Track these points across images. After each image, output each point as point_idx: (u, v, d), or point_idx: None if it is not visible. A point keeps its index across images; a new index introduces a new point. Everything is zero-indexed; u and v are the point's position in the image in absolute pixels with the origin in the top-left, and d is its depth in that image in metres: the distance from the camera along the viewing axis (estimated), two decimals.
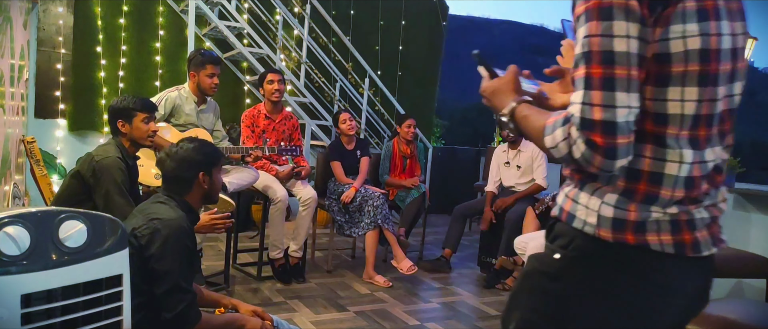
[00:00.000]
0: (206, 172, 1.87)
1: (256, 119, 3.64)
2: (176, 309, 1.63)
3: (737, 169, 3.28)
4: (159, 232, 1.65)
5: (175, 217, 1.71)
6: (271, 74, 3.61)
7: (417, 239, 4.70)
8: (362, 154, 4.10)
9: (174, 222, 1.69)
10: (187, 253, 1.70)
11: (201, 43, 5.36)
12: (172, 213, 1.73)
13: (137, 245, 1.65)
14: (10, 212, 1.13)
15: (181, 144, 1.88)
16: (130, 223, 1.73)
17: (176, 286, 1.64)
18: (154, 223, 1.68)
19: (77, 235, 1.21)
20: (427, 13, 6.87)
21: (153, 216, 1.70)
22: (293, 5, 5.85)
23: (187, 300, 1.65)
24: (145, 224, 1.68)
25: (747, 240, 2.78)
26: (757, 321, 1.56)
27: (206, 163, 1.87)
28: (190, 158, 1.84)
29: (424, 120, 7.06)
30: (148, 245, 1.65)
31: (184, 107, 3.14)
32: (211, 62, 3.16)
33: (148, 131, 2.43)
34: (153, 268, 1.64)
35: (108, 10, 4.93)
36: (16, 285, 1.09)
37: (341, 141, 4.09)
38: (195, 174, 1.84)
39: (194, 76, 3.17)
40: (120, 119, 2.38)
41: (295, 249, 3.61)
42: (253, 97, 5.68)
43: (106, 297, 1.27)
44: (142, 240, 1.66)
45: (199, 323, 1.69)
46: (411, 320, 3.03)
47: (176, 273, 1.64)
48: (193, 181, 1.85)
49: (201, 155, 1.86)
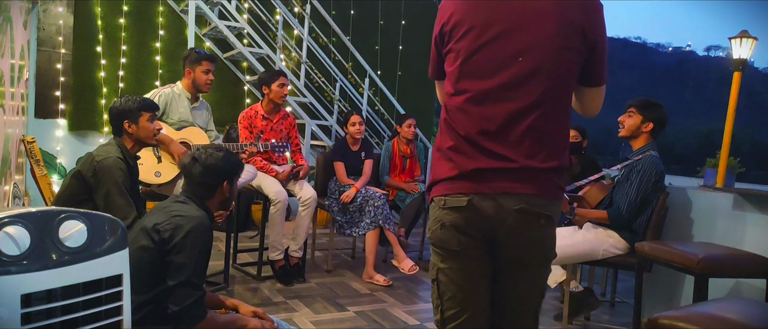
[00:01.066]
0: (229, 181, 1.93)
1: (254, 120, 3.64)
2: (184, 303, 1.66)
3: (737, 169, 3.28)
4: (182, 226, 1.70)
5: (198, 215, 1.78)
6: (283, 78, 3.63)
7: (417, 240, 4.70)
8: (366, 156, 4.10)
9: (197, 220, 1.75)
10: (205, 251, 1.75)
11: (201, 43, 5.36)
12: (195, 212, 1.79)
13: (158, 240, 1.70)
14: (10, 212, 1.13)
15: (211, 151, 1.92)
16: (152, 219, 1.76)
17: (188, 280, 1.67)
18: (177, 219, 1.73)
19: (77, 235, 1.21)
20: (427, 13, 6.88)
21: (176, 213, 1.75)
22: (293, 5, 5.85)
23: (195, 295, 1.68)
24: (168, 220, 1.73)
25: (746, 240, 2.78)
26: (757, 321, 1.56)
27: (231, 172, 1.94)
28: (218, 166, 1.89)
29: (424, 120, 7.07)
30: (170, 239, 1.69)
31: (178, 104, 3.15)
32: (206, 59, 3.20)
33: (154, 130, 2.46)
34: (171, 260, 1.68)
35: (108, 10, 4.93)
36: (16, 285, 1.09)
37: (347, 142, 4.09)
38: (220, 182, 1.91)
39: (190, 73, 3.19)
40: (126, 119, 2.39)
41: (295, 249, 3.61)
42: (253, 97, 5.68)
43: (106, 297, 1.27)
44: (164, 234, 1.70)
45: (204, 321, 1.70)
46: (411, 320, 3.03)
47: (191, 267, 1.68)
48: (217, 188, 1.91)
49: (229, 164, 1.93)
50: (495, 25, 1.38)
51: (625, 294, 3.80)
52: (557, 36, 1.35)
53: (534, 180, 1.38)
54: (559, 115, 1.41)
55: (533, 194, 1.38)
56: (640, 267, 2.65)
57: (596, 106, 1.55)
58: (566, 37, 1.36)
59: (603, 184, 2.94)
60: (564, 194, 2.88)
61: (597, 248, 2.72)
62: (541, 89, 1.36)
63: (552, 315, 3.19)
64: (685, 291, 3.02)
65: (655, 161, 2.66)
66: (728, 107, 3.24)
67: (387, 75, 6.69)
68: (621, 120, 2.80)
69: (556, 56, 1.36)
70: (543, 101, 1.37)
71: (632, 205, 2.64)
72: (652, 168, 2.64)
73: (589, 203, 2.93)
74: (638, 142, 2.76)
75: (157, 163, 2.93)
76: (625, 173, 2.76)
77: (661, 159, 2.73)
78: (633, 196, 2.64)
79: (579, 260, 2.85)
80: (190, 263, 1.67)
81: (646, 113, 2.72)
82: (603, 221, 2.73)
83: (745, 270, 2.38)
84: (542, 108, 1.37)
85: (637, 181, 2.64)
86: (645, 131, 2.73)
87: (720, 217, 2.93)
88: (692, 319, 1.58)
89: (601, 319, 3.28)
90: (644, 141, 2.75)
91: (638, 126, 2.73)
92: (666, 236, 3.07)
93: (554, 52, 1.36)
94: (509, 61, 1.37)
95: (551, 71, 1.36)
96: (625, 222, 2.68)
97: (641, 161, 2.67)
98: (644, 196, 2.65)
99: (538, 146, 1.38)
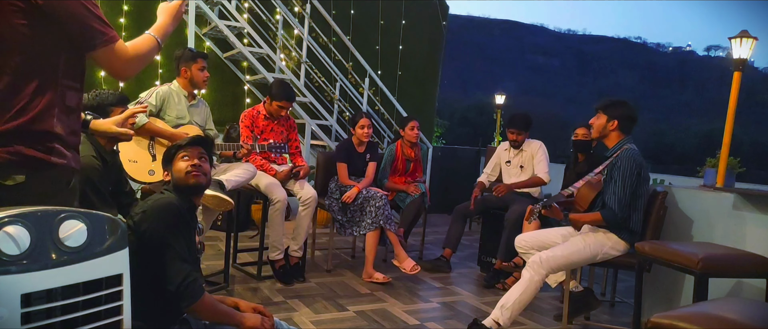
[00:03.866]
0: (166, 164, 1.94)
1: (256, 120, 3.65)
2: (177, 281, 1.64)
3: (737, 169, 3.28)
4: (147, 209, 1.71)
5: (164, 197, 1.78)
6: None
7: (417, 239, 4.70)
8: (371, 158, 4.09)
9: (161, 199, 1.75)
10: (178, 225, 1.73)
11: (201, 43, 5.36)
12: (164, 196, 1.79)
13: (137, 231, 1.69)
14: (10, 212, 1.13)
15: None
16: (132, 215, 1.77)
17: (176, 255, 1.66)
18: (144, 204, 1.75)
19: (77, 235, 1.21)
20: (427, 13, 6.88)
21: (146, 202, 1.76)
22: (293, 5, 5.85)
23: (186, 270, 1.67)
24: (140, 208, 1.75)
25: (746, 240, 2.78)
26: (757, 321, 1.56)
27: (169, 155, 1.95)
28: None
29: (424, 120, 7.06)
30: (139, 223, 1.69)
31: (175, 101, 3.17)
32: (201, 56, 3.23)
33: None
34: (150, 246, 1.66)
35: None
36: (16, 285, 1.09)
37: (352, 143, 4.08)
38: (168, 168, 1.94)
39: (186, 72, 3.20)
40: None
41: (295, 249, 3.62)
42: (254, 97, 5.68)
43: (106, 297, 1.27)
44: (135, 219, 1.70)
45: (202, 298, 1.69)
46: (411, 320, 3.04)
47: (172, 245, 1.67)
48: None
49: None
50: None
51: (625, 294, 3.81)
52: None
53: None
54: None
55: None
56: (639, 267, 2.65)
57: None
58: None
59: (592, 182, 2.95)
60: (554, 203, 2.91)
61: (597, 252, 2.73)
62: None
63: (552, 315, 3.19)
64: (685, 291, 3.02)
65: (632, 153, 2.70)
66: (728, 107, 3.24)
67: (387, 75, 6.69)
68: (591, 123, 2.89)
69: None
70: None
71: (623, 202, 2.66)
72: (631, 161, 2.68)
73: (580, 204, 2.95)
74: (611, 140, 2.83)
75: (151, 161, 2.93)
76: (608, 173, 2.79)
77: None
78: (621, 192, 2.66)
79: (579, 265, 2.85)
80: (168, 241, 1.66)
81: (610, 111, 2.80)
82: (598, 223, 2.74)
83: (745, 270, 2.37)
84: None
85: (619, 178, 2.68)
86: (611, 129, 2.80)
87: (720, 217, 2.93)
88: (692, 319, 1.58)
89: (601, 319, 3.28)
90: (616, 138, 2.81)
91: (604, 126, 2.81)
92: (666, 236, 3.08)
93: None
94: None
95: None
96: (621, 220, 2.69)
97: (619, 158, 2.72)
98: (632, 190, 2.68)
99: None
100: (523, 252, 3.00)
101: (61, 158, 1.48)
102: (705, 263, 2.23)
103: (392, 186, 4.26)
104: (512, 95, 10.59)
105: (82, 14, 1.45)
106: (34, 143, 1.42)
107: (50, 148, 1.45)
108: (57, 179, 1.48)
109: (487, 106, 21.83)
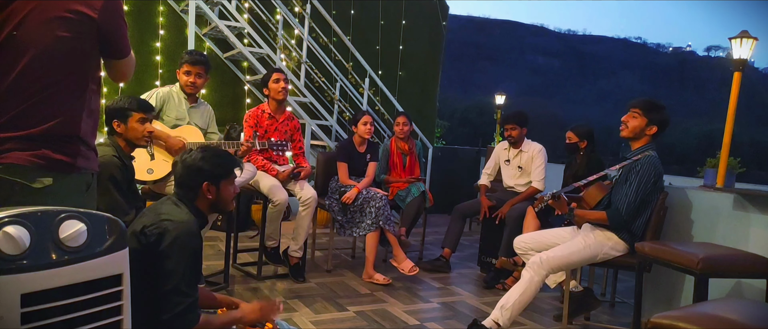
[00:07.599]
0: (211, 182, 1.84)
1: (260, 119, 3.65)
2: (174, 311, 1.64)
3: (737, 169, 3.28)
4: (168, 232, 1.67)
5: (186, 220, 1.73)
6: (277, 73, 3.65)
7: (417, 239, 4.70)
8: (371, 158, 4.09)
9: (183, 225, 1.70)
10: (193, 257, 1.72)
11: (201, 43, 5.36)
12: (183, 216, 1.75)
13: (146, 243, 1.67)
14: (10, 212, 1.13)
15: (193, 152, 1.87)
16: (141, 221, 1.75)
17: (176, 288, 1.64)
18: (164, 223, 1.70)
19: (77, 235, 1.21)
20: (427, 13, 6.88)
21: (164, 217, 1.72)
22: (293, 5, 5.85)
23: (185, 303, 1.65)
24: (156, 223, 1.70)
25: (747, 240, 2.78)
26: (757, 321, 1.55)
27: (213, 174, 1.84)
28: (197, 166, 1.82)
29: (424, 120, 7.07)
30: (156, 243, 1.67)
31: (175, 103, 3.19)
32: (186, 61, 3.20)
33: (143, 132, 2.45)
34: (159, 266, 1.65)
35: None
36: (16, 285, 1.09)
37: (353, 142, 4.08)
38: (200, 183, 1.83)
39: (179, 75, 3.23)
40: (115, 119, 2.42)
41: (295, 249, 3.61)
42: (254, 97, 5.68)
43: (106, 297, 1.27)
44: (151, 238, 1.68)
45: (197, 325, 1.69)
46: (411, 320, 3.03)
47: (179, 274, 1.65)
48: (198, 189, 1.84)
49: (208, 165, 1.83)
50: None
51: (625, 294, 3.80)
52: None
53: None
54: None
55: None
56: (640, 267, 2.65)
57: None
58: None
59: (603, 184, 2.94)
60: (562, 194, 2.89)
61: (597, 252, 2.72)
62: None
63: (552, 316, 3.19)
64: (685, 291, 3.02)
65: (654, 161, 2.66)
66: (728, 107, 3.23)
67: (387, 75, 6.69)
68: (624, 120, 2.77)
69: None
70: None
71: (631, 206, 2.64)
72: (652, 169, 2.63)
73: (588, 203, 2.93)
74: (638, 142, 2.76)
75: (149, 160, 2.95)
76: (623, 174, 2.75)
77: (661, 160, 2.73)
78: (632, 197, 2.63)
79: (579, 265, 2.84)
80: (177, 270, 1.65)
81: (651, 115, 2.70)
82: (602, 222, 2.73)
83: (745, 270, 2.37)
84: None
85: (635, 182, 2.63)
86: (648, 134, 2.73)
87: (720, 217, 2.93)
88: (692, 319, 1.58)
89: (601, 319, 3.28)
90: (645, 142, 2.74)
91: (643, 128, 2.72)
92: (666, 237, 3.07)
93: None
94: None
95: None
96: (624, 223, 2.68)
97: (640, 162, 2.66)
98: (644, 197, 2.65)
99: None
100: (523, 253, 3.00)
101: (86, 161, 1.54)
102: (705, 263, 2.23)
103: (391, 180, 4.29)
104: (512, 95, 10.60)
105: (122, 27, 1.56)
106: (61, 147, 1.47)
107: (76, 151, 1.51)
108: (80, 182, 1.54)
109: (487, 106, 21.82)
